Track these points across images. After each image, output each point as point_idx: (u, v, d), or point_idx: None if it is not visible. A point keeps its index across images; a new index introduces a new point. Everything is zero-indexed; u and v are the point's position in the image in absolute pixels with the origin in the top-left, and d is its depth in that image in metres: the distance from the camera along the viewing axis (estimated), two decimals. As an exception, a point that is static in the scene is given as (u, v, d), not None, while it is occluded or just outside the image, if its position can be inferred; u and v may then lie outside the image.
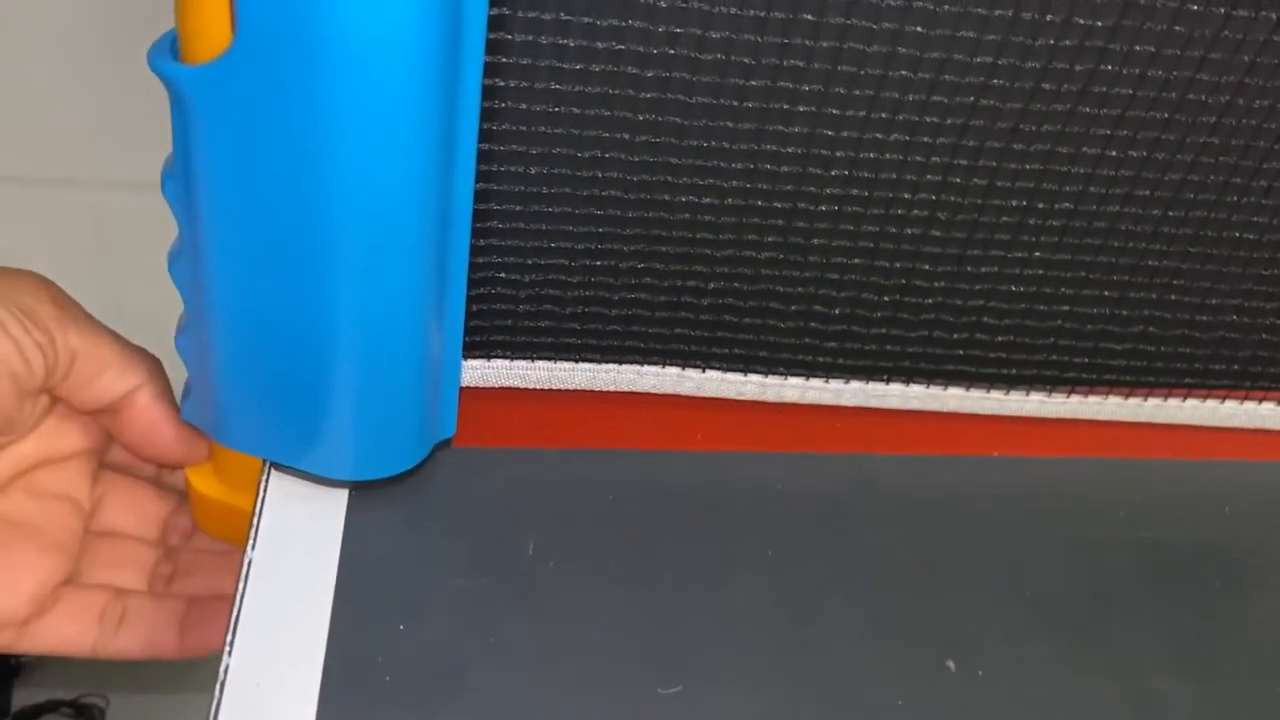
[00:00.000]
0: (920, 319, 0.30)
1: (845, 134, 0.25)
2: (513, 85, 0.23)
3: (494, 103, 0.23)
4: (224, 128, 0.21)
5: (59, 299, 0.27)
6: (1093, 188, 0.27)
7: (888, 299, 0.29)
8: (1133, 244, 0.29)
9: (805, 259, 0.28)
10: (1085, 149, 0.26)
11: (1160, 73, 0.24)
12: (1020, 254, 0.28)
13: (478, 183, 0.24)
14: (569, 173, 0.25)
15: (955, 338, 0.30)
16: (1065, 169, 0.26)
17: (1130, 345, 0.31)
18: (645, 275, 0.28)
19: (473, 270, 0.26)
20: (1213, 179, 0.27)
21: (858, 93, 0.24)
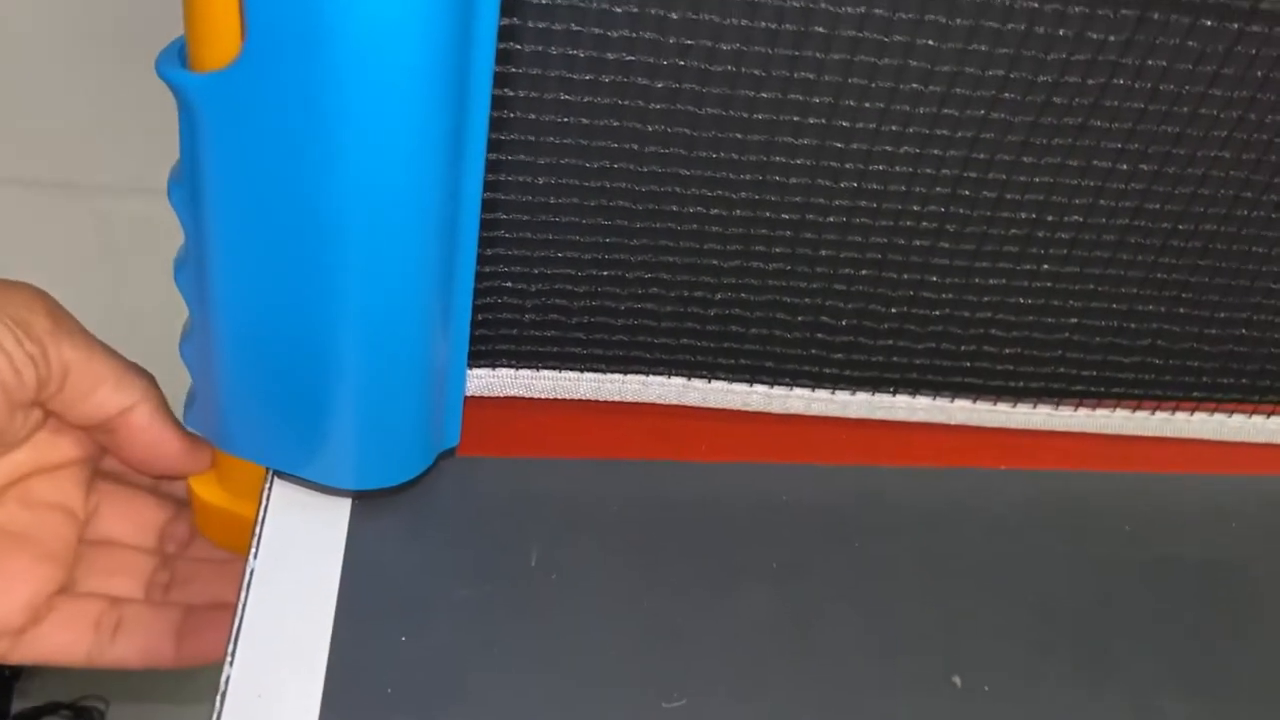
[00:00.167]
0: (928, 330, 0.29)
1: (855, 146, 0.25)
2: (522, 95, 0.23)
3: (503, 112, 0.23)
4: (232, 136, 0.21)
5: (54, 312, 0.26)
6: (1103, 200, 0.27)
7: (895, 310, 0.29)
8: (1142, 256, 0.28)
9: (812, 270, 0.28)
10: (1096, 162, 0.26)
11: (1172, 87, 0.24)
12: (1029, 266, 0.28)
13: (485, 192, 0.24)
14: (577, 183, 0.25)
15: (963, 349, 0.30)
16: (1075, 181, 0.26)
17: (1139, 358, 0.31)
18: (652, 285, 0.28)
19: (479, 279, 0.26)
20: (1223, 192, 0.27)
21: (868, 105, 0.24)
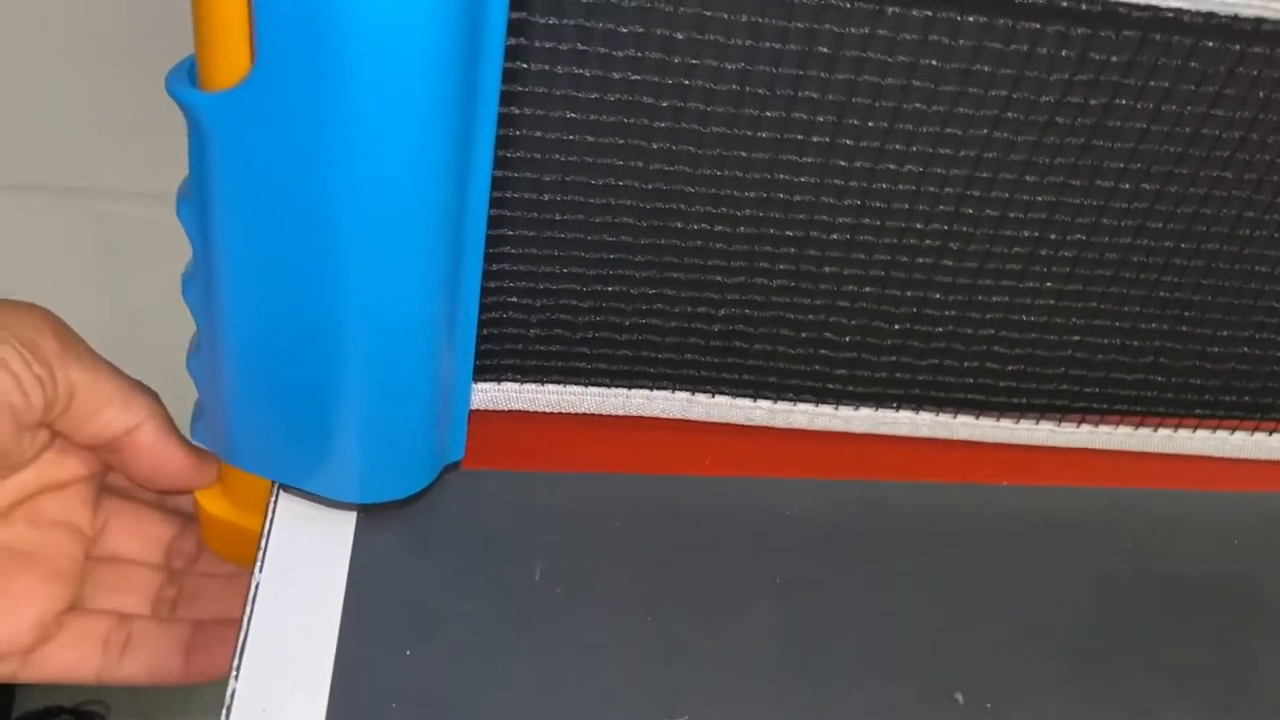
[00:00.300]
0: (931, 347, 0.30)
1: (859, 164, 0.25)
2: (528, 113, 0.23)
3: (509, 130, 0.23)
4: (241, 154, 0.21)
5: (61, 333, 0.27)
6: (1105, 219, 0.27)
7: (898, 327, 0.29)
8: (1144, 275, 0.28)
9: (817, 286, 0.28)
10: (1099, 181, 0.26)
11: (1175, 107, 0.24)
12: (1032, 284, 0.28)
13: (491, 208, 0.24)
14: (583, 199, 0.25)
15: (966, 366, 0.30)
16: (1078, 200, 0.26)
17: (1141, 375, 0.31)
18: (657, 300, 0.28)
19: (484, 294, 0.26)
20: (1225, 211, 0.27)
21: (872, 124, 0.24)
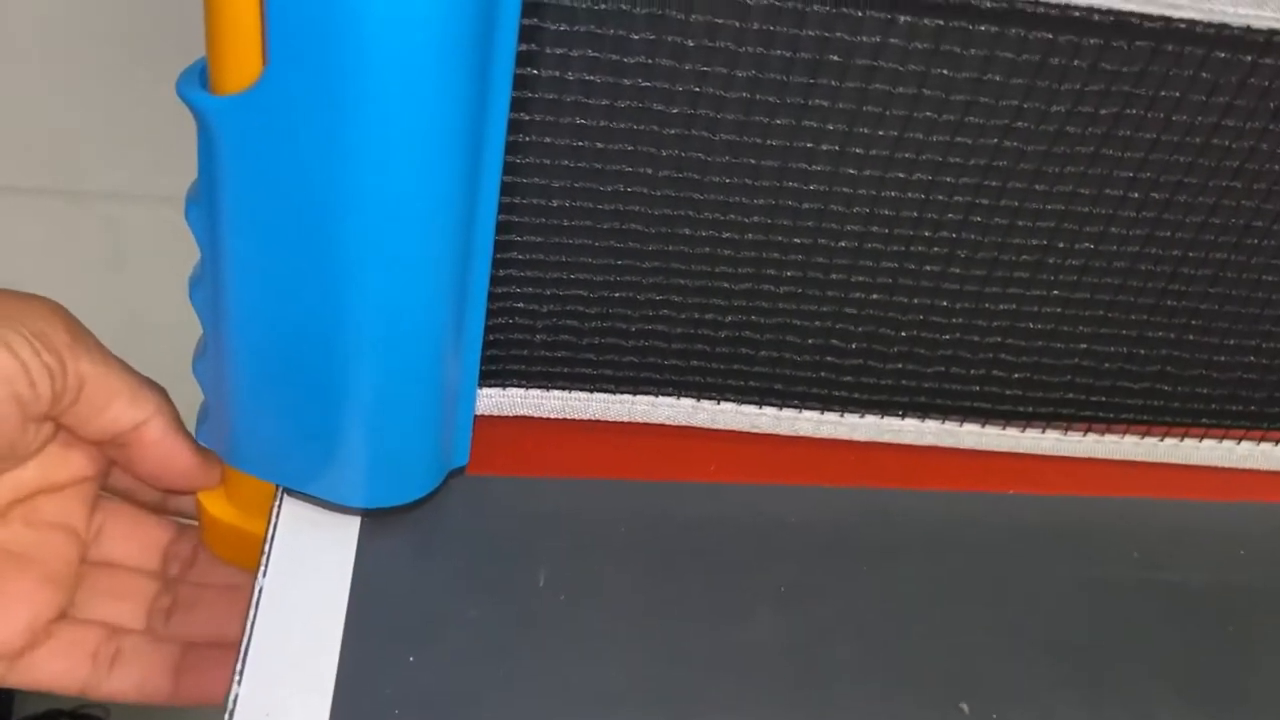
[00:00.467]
0: (937, 355, 0.29)
1: (868, 173, 0.25)
2: (538, 120, 0.23)
3: (519, 137, 0.23)
4: (251, 157, 0.21)
5: (72, 326, 0.27)
6: (1114, 228, 0.27)
7: (905, 334, 0.29)
8: (1152, 284, 0.28)
9: (823, 294, 0.28)
10: (1108, 190, 0.26)
11: (1185, 117, 0.24)
12: (1039, 292, 0.28)
13: (500, 214, 0.24)
14: (591, 206, 0.25)
15: (972, 373, 0.30)
16: (1087, 209, 0.26)
17: (1148, 384, 0.31)
18: (663, 307, 0.28)
19: (491, 300, 0.26)
20: (1233, 221, 0.27)
21: (882, 133, 0.24)
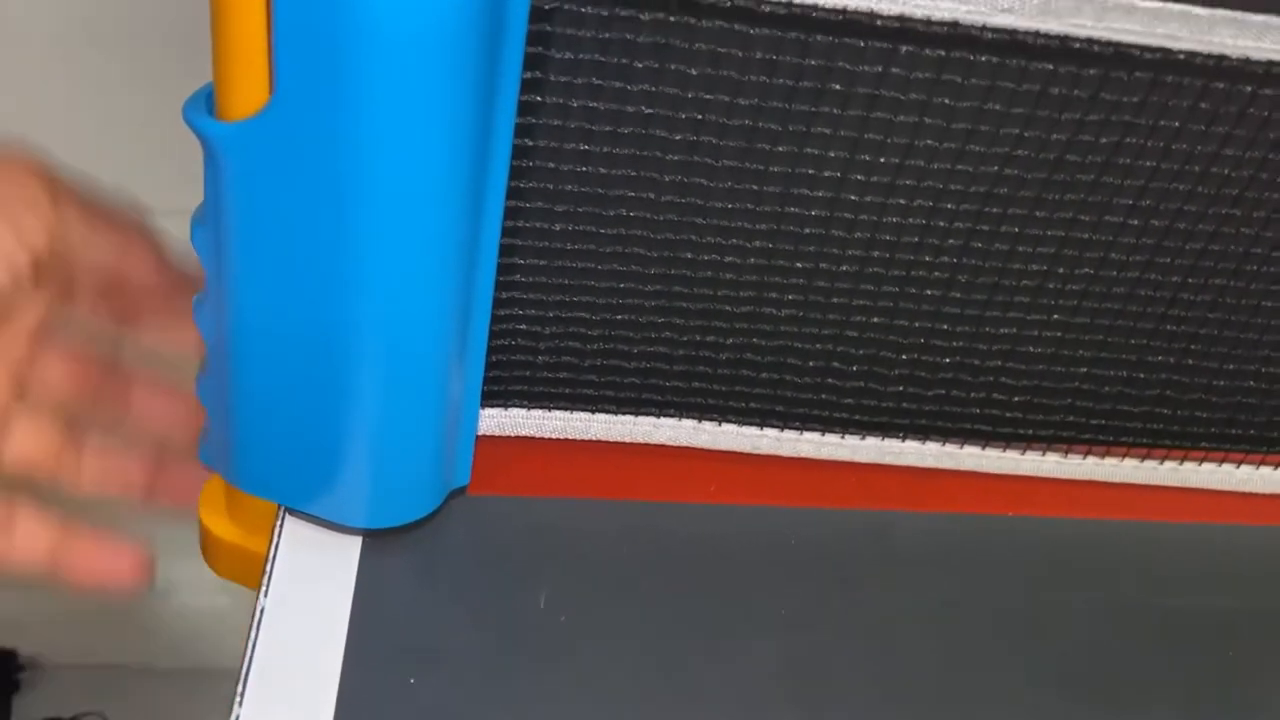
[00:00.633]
0: (938, 377, 0.30)
1: (870, 199, 0.25)
2: (542, 145, 0.23)
3: (523, 161, 0.24)
4: (257, 182, 0.21)
5: (50, 177, 0.27)
6: (1114, 254, 0.27)
7: (906, 357, 0.29)
8: (1151, 309, 0.29)
9: (825, 316, 0.28)
10: (1108, 217, 0.26)
11: (1184, 146, 0.24)
12: (1040, 316, 0.28)
13: (503, 237, 0.24)
14: (594, 229, 0.25)
15: (973, 396, 0.30)
16: (1087, 235, 0.26)
17: (1148, 408, 0.31)
18: (665, 329, 0.28)
19: (494, 321, 0.26)
20: (1233, 248, 0.27)
21: (884, 160, 0.24)
